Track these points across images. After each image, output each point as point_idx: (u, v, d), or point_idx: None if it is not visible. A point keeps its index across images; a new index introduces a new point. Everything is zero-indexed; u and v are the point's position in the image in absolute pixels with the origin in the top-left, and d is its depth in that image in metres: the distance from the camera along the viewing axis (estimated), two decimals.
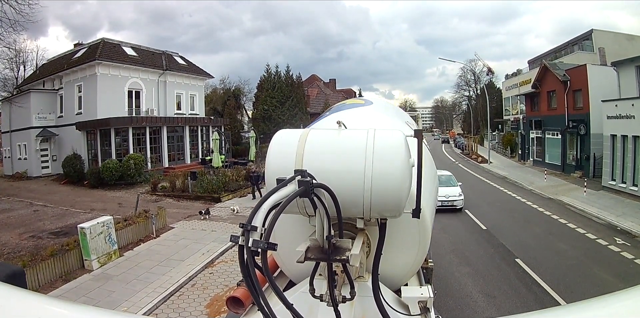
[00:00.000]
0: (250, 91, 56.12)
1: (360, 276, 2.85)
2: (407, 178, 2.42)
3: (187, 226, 16.55)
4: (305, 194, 2.04)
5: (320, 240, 2.35)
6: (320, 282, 2.52)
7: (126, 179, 26.12)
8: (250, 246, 1.63)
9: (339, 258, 2.31)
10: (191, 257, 12.58)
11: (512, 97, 46.68)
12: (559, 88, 30.41)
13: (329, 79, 67.03)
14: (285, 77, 48.11)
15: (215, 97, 54.39)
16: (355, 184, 2.35)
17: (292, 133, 2.71)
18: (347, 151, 2.44)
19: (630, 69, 22.00)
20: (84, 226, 12.15)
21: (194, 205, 20.06)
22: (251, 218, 1.71)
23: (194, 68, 39.12)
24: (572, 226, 16.37)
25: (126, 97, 32.09)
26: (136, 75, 32.82)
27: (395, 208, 2.45)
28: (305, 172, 2.11)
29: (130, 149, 28.93)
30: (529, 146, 37.81)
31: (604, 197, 21.20)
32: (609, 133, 22.33)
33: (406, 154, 2.43)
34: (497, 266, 11.82)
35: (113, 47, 32.70)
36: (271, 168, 2.55)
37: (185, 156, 34.17)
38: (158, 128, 31.69)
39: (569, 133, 29.97)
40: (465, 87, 79.17)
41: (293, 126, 44.73)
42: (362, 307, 2.71)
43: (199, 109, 39.04)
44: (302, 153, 2.47)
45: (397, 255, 3.08)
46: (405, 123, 4.88)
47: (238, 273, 11.34)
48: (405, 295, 3.03)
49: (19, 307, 1.26)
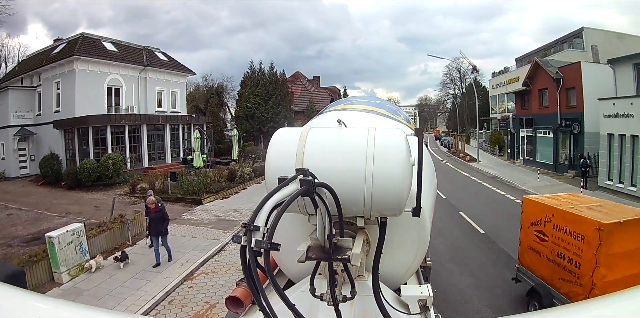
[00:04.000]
0: (234, 89, 55.52)
1: (359, 275, 2.85)
2: (408, 177, 2.41)
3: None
4: (307, 193, 2.03)
5: (321, 239, 2.37)
6: (319, 281, 2.54)
7: (104, 180, 24.95)
8: (252, 247, 1.63)
9: (341, 257, 2.33)
10: (169, 268, 11.48)
11: (499, 96, 46.42)
12: (551, 86, 29.83)
13: (313, 77, 65.99)
14: (269, 74, 47.34)
15: (197, 95, 53.38)
16: (356, 183, 2.34)
17: (292, 131, 2.69)
18: (348, 150, 2.42)
19: (627, 67, 21.41)
20: (52, 236, 10.99)
21: (174, 208, 18.91)
22: (254, 218, 1.72)
23: (176, 64, 37.97)
24: None
25: (105, 94, 30.85)
26: (116, 71, 31.61)
27: (396, 206, 2.45)
28: (307, 171, 2.10)
29: (109, 148, 27.70)
30: (519, 144, 37.25)
31: (601, 198, 20.51)
32: (606, 131, 21.76)
33: (407, 153, 2.43)
34: (502, 276, 10.97)
35: (93, 42, 31.36)
36: (271, 167, 2.56)
37: (166, 155, 33.04)
38: (138, 126, 30.50)
39: (562, 132, 29.42)
40: (451, 85, 78.97)
41: (277, 124, 44.64)
42: (362, 306, 2.71)
43: (180, 106, 37.91)
44: (302, 152, 2.44)
45: (397, 253, 3.07)
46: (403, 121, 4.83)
47: (220, 288, 10.34)
48: (405, 294, 3.04)
49: (19, 307, 1.25)
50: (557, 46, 44.23)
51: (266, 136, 46.90)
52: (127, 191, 23.07)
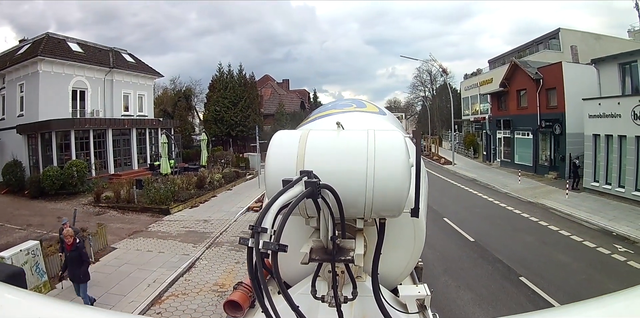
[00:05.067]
0: (202, 92, 53.71)
1: (358, 276, 2.84)
2: (407, 178, 2.41)
3: (131, 245, 14.12)
4: (312, 195, 2.02)
5: (324, 241, 2.42)
6: (318, 283, 2.59)
7: (68, 189, 23.29)
8: (260, 249, 1.62)
9: (344, 258, 2.40)
10: (134, 290, 10.14)
11: (472, 97, 46.40)
12: (531, 86, 29.48)
13: (282, 80, 64.84)
14: (238, 77, 46.40)
15: (165, 99, 51.59)
16: (357, 184, 2.33)
17: (291, 134, 2.69)
18: (348, 152, 2.45)
19: (612, 66, 21.05)
20: (4, 256, 9.56)
21: (140, 219, 17.61)
22: (261, 220, 1.70)
23: (143, 66, 36.33)
24: (565, 234, 15.15)
25: (70, 97, 28.99)
26: (81, 73, 29.75)
27: (396, 208, 2.46)
28: (312, 173, 2.10)
29: (73, 154, 25.97)
30: (496, 146, 36.88)
31: (587, 199, 20.17)
32: (591, 132, 21.35)
33: (407, 155, 2.45)
34: (503, 288, 10.14)
35: (58, 42, 29.51)
36: (272, 170, 2.52)
37: (133, 161, 31.34)
38: (103, 131, 28.82)
39: (542, 133, 29.09)
40: (421, 88, 78.85)
41: (246, 128, 43.97)
42: (361, 307, 2.73)
43: (147, 110, 36.19)
44: (303, 154, 2.44)
45: (394, 254, 3.07)
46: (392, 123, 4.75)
47: (192, 313, 9.17)
48: (403, 294, 3.12)
49: (19, 307, 1.25)
50: (532, 46, 44.36)
51: (235, 140, 45.87)
52: (91, 200, 21.54)
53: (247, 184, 28.15)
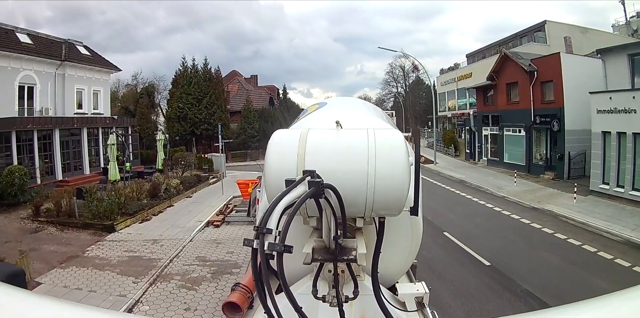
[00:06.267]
0: (166, 88, 50.15)
1: (357, 275, 2.74)
2: (407, 177, 2.37)
3: (60, 279, 10.90)
4: (316, 195, 1.99)
5: (326, 241, 2.37)
6: (317, 283, 2.52)
7: (7, 199, 19.69)
8: (265, 250, 1.58)
9: (347, 258, 2.33)
10: None
11: (449, 93, 44.84)
12: (523, 80, 27.26)
13: (251, 75, 61.67)
14: (203, 72, 43.68)
15: (127, 96, 47.97)
16: (359, 184, 2.28)
17: (291, 133, 2.60)
18: (349, 151, 2.38)
19: (620, 58, 18.89)
20: None
21: (80, 238, 14.35)
22: (265, 221, 1.66)
23: (99, 59, 32.76)
24: (591, 249, 12.93)
25: (17, 94, 25.31)
26: (29, 67, 26.00)
27: (397, 206, 2.42)
28: (315, 172, 2.06)
29: (14, 159, 22.36)
30: (482, 144, 34.72)
31: (598, 204, 17.99)
32: (600, 129, 19.18)
33: (407, 154, 2.41)
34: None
35: (5, 33, 25.60)
36: (272, 170, 2.43)
37: (84, 165, 27.86)
38: (50, 132, 25.30)
39: (536, 130, 26.97)
40: (393, 83, 77.73)
41: (211, 126, 40.37)
42: (360, 306, 2.65)
43: (103, 107, 32.70)
44: (304, 154, 2.35)
45: (391, 252, 2.98)
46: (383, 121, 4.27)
47: None
48: (402, 292, 3.07)
49: (19, 307, 1.23)
50: (515, 40, 42.87)
51: (200, 139, 42.84)
52: (30, 213, 18.09)
53: (209, 190, 24.95)
